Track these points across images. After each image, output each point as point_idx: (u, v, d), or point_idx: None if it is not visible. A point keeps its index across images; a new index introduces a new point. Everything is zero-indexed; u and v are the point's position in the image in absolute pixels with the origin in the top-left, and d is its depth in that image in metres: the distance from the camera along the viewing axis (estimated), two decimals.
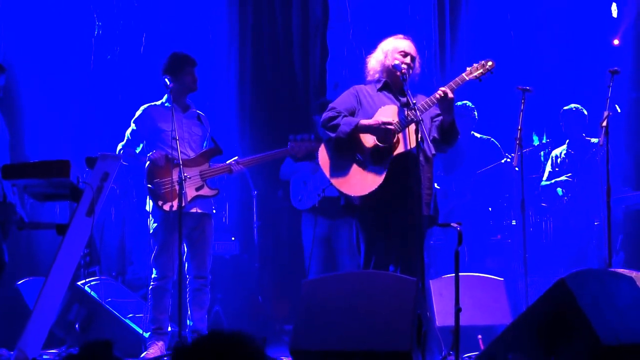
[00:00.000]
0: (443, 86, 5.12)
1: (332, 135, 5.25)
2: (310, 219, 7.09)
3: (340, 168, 5.27)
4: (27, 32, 7.45)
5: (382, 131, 5.11)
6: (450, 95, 5.06)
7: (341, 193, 5.28)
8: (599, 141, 5.68)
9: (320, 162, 5.38)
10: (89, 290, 6.28)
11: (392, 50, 5.36)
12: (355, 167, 5.21)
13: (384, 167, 5.11)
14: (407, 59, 5.29)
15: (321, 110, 6.96)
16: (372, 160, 5.17)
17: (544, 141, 7.97)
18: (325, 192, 6.82)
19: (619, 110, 7.00)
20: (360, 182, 5.15)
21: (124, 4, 8.17)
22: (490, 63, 5.13)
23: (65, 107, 7.70)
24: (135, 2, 8.20)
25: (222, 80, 8.44)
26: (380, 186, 5.08)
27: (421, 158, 4.99)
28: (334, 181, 5.28)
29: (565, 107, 7.61)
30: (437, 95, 5.06)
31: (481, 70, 5.12)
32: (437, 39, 8.46)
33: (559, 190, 7.53)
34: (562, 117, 7.65)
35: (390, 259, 5.16)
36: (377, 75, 5.42)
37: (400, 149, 5.11)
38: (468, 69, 5.16)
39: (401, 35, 5.46)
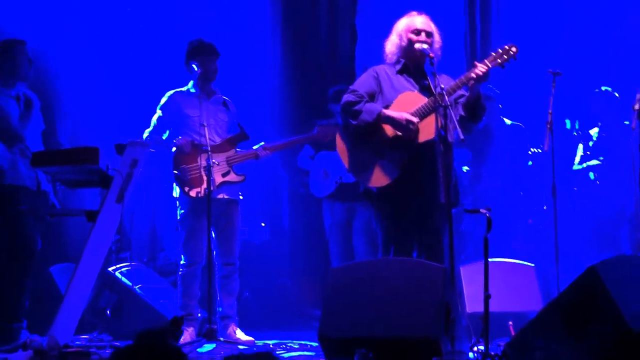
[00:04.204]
0: (472, 70, 4.93)
1: (353, 122, 5.12)
2: (329, 206, 7.07)
3: (358, 157, 5.19)
4: (58, 19, 7.47)
5: (404, 127, 4.99)
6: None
7: (359, 181, 5.23)
8: (630, 124, 5.56)
9: (338, 150, 5.32)
10: (119, 276, 6.33)
11: (405, 30, 5.19)
12: (373, 156, 5.11)
13: (403, 158, 5.02)
14: (422, 36, 5.14)
15: (336, 99, 6.91)
16: (390, 149, 5.07)
17: (576, 127, 7.84)
18: (342, 179, 6.80)
19: None
20: (378, 173, 5.07)
21: None
22: (514, 49, 4.93)
23: (97, 94, 7.73)
24: None
25: (251, 65, 8.42)
26: (399, 176, 5.01)
27: (441, 146, 4.81)
28: (352, 171, 5.23)
29: (597, 90, 7.51)
30: (475, 74, 4.87)
31: (505, 57, 4.93)
32: (467, 23, 8.37)
33: (591, 174, 7.44)
34: (593, 99, 7.54)
35: (409, 247, 5.05)
36: (395, 58, 5.27)
37: (420, 138, 5.00)
38: (492, 54, 4.98)
39: (414, 12, 5.28)
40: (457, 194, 5.21)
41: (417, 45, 5.09)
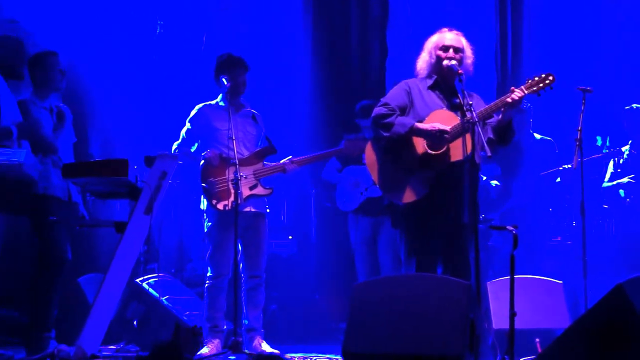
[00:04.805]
0: (507, 95, 4.93)
1: (385, 134, 5.06)
2: (355, 220, 7.06)
3: (387, 171, 5.16)
4: (89, 31, 7.56)
5: (436, 138, 4.94)
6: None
7: (386, 196, 5.21)
8: None
9: (367, 163, 5.29)
10: (147, 287, 6.37)
11: (434, 47, 5.17)
12: (402, 172, 5.07)
13: (432, 176, 4.99)
14: (450, 52, 5.10)
15: (363, 114, 6.89)
16: (420, 166, 5.03)
17: (607, 144, 7.79)
18: (368, 190, 6.78)
19: None
20: (407, 189, 5.03)
21: (185, 3, 8.26)
22: (550, 77, 4.93)
23: (127, 107, 7.81)
24: (195, 2, 8.29)
25: (282, 79, 8.48)
26: (426, 194, 4.98)
27: (467, 165, 4.80)
28: (381, 185, 5.21)
29: (627, 107, 7.46)
30: (512, 99, 4.87)
31: (541, 85, 4.92)
32: (498, 39, 8.35)
33: (621, 191, 7.37)
34: (624, 116, 7.49)
35: (433, 263, 5.01)
36: (426, 74, 5.23)
37: (451, 157, 4.96)
38: (528, 81, 4.96)
39: (445, 29, 5.24)
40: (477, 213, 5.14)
41: (445, 62, 5.07)
